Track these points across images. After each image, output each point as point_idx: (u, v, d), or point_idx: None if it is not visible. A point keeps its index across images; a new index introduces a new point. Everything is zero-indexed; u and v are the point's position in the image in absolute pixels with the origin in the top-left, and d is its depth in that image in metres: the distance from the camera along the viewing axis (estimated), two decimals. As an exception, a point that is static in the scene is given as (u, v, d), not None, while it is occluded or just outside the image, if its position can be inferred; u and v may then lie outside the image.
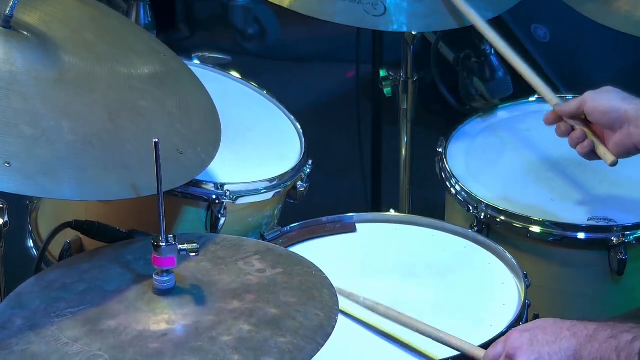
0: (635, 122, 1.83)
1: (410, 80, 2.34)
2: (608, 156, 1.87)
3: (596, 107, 1.86)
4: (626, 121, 1.83)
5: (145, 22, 2.24)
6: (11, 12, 1.67)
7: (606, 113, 1.85)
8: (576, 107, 1.89)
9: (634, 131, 1.83)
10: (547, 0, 2.30)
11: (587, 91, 1.90)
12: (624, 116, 1.84)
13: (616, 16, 2.19)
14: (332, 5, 2.05)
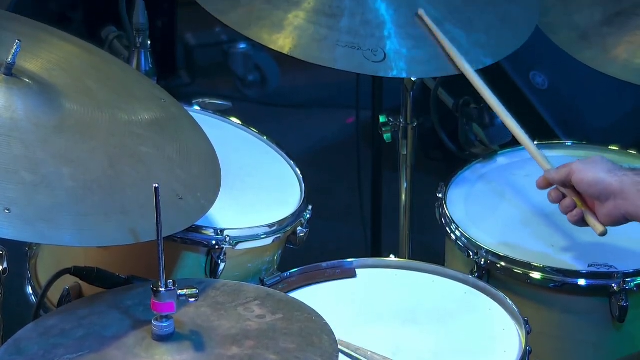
0: (621, 195, 1.85)
1: (410, 126, 2.35)
2: (597, 227, 1.90)
3: (582, 178, 1.88)
4: (612, 194, 1.86)
5: (146, 69, 2.25)
6: (13, 59, 1.68)
7: (592, 185, 1.87)
8: (565, 176, 1.91)
9: (620, 203, 1.85)
10: (546, 48, 2.31)
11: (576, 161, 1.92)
12: (610, 189, 1.86)
13: (614, 64, 2.20)
14: (332, 52, 2.07)
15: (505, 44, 2.22)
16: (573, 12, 2.29)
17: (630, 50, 2.20)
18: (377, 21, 2.12)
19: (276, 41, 2.07)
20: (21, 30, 1.87)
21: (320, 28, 2.08)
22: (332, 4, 2.12)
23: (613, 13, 2.26)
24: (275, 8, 2.09)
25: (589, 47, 2.23)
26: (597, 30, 2.25)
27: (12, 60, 1.68)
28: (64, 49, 1.90)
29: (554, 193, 1.94)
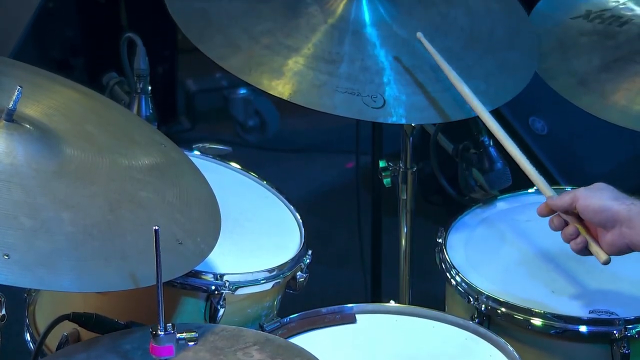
0: (627, 223, 1.82)
1: (410, 171, 2.35)
2: (601, 255, 1.87)
3: (588, 205, 1.85)
4: (618, 221, 1.83)
5: (147, 114, 2.27)
6: (14, 105, 1.69)
7: (598, 212, 1.85)
8: (568, 202, 1.89)
9: (626, 231, 1.82)
10: (545, 93, 2.32)
11: (580, 187, 1.90)
12: (616, 216, 1.83)
13: (613, 110, 2.21)
14: (332, 98, 2.08)
15: (505, 91, 2.22)
16: (571, 59, 2.30)
17: (629, 97, 2.21)
18: (377, 67, 2.14)
19: (276, 87, 2.08)
20: (23, 77, 1.89)
21: (319, 74, 2.10)
22: (331, 50, 2.13)
23: (611, 60, 2.27)
24: (275, 54, 2.11)
25: (588, 93, 2.24)
26: (595, 77, 2.26)
27: (13, 107, 1.69)
28: (65, 95, 1.91)
29: (556, 220, 1.91)
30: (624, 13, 2.35)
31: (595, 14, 2.36)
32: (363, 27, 2.18)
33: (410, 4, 2.26)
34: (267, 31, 2.14)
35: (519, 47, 2.30)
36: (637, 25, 2.31)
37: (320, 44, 2.14)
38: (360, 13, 2.19)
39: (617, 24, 2.32)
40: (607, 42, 2.30)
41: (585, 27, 2.34)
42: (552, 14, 2.39)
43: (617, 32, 2.30)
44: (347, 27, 2.17)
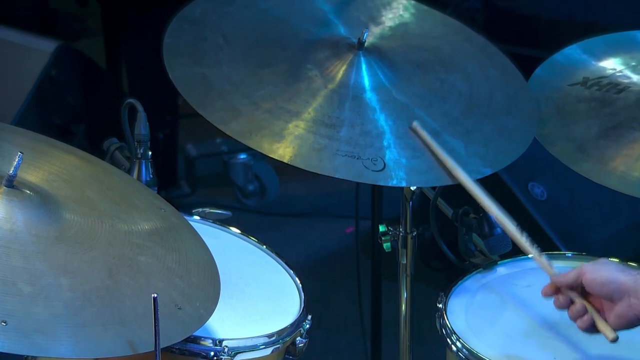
0: (635, 294, 1.82)
1: (410, 236, 2.35)
2: (608, 332, 1.86)
3: (595, 278, 1.86)
4: (626, 292, 1.83)
5: (147, 179, 2.27)
6: (15, 171, 1.69)
7: (605, 284, 1.85)
8: (574, 278, 1.89)
9: (634, 302, 1.82)
10: (544, 159, 2.33)
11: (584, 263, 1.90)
12: (623, 287, 1.83)
13: (612, 176, 2.21)
14: (332, 161, 2.08)
15: (504, 155, 2.23)
16: (570, 125, 2.31)
17: (628, 163, 2.21)
18: (377, 131, 2.15)
19: (276, 150, 2.09)
20: (24, 143, 1.90)
21: (320, 138, 2.11)
22: (331, 114, 2.15)
23: (609, 126, 2.28)
24: (276, 118, 2.12)
25: (586, 159, 2.24)
26: (594, 143, 2.27)
27: (14, 173, 1.69)
28: (65, 161, 1.92)
29: (562, 298, 1.91)
30: (621, 80, 2.36)
31: (593, 81, 2.37)
32: (363, 92, 2.20)
33: (409, 70, 2.28)
34: (268, 96, 2.15)
35: (518, 113, 2.31)
36: (635, 93, 2.32)
37: (320, 108, 2.15)
38: (360, 78, 2.22)
39: (615, 91, 2.33)
40: (605, 109, 2.31)
41: (583, 94, 2.36)
42: (550, 81, 2.41)
43: (614, 100, 2.32)
44: (347, 92, 2.19)
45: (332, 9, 2.37)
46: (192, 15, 2.28)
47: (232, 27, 2.27)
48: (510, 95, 2.33)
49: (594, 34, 2.49)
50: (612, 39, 2.49)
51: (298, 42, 2.26)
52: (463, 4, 4.09)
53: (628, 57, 2.42)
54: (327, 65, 2.22)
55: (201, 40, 2.23)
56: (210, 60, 2.20)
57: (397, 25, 2.40)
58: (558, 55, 2.46)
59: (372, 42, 2.29)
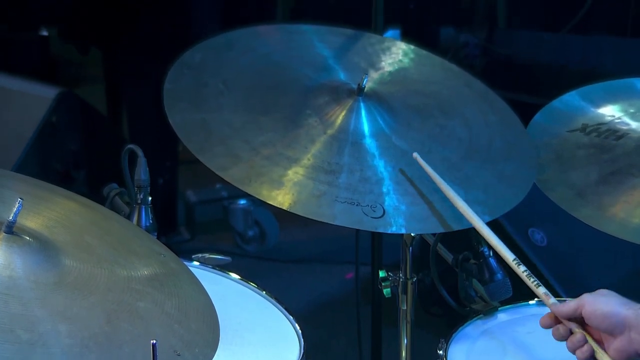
0: (636, 328, 1.79)
1: (410, 281, 2.34)
2: None
3: (595, 310, 1.83)
4: (627, 326, 1.81)
5: (147, 225, 2.27)
6: (14, 218, 1.69)
7: (606, 317, 1.82)
8: (574, 308, 1.87)
9: (635, 337, 1.80)
10: (544, 205, 2.34)
11: (585, 294, 1.88)
12: (625, 321, 1.81)
13: (612, 222, 2.21)
14: (331, 208, 2.08)
15: (504, 201, 2.23)
16: (569, 171, 2.32)
17: (627, 210, 2.21)
18: (376, 178, 2.15)
19: (276, 197, 2.09)
20: (24, 189, 1.90)
21: (319, 184, 2.11)
22: (331, 160, 2.15)
23: (608, 172, 2.28)
24: (275, 164, 2.12)
25: (586, 205, 2.24)
26: (593, 189, 2.27)
27: (13, 219, 1.69)
28: (65, 206, 1.92)
29: (562, 328, 1.88)
30: (619, 127, 2.37)
31: (592, 127, 2.38)
32: (362, 138, 2.21)
33: (408, 116, 2.29)
34: (267, 142, 2.16)
35: (517, 159, 2.31)
36: (634, 140, 2.32)
37: (320, 154, 2.16)
38: (360, 124, 2.22)
39: (614, 138, 2.34)
40: (604, 155, 2.32)
41: (582, 141, 2.36)
42: (549, 127, 2.42)
43: (613, 146, 2.32)
44: (347, 138, 2.20)
45: (331, 54, 2.38)
46: (193, 61, 2.29)
47: (232, 73, 2.28)
48: (510, 141, 2.34)
49: (592, 81, 2.50)
50: (610, 86, 2.50)
51: (298, 87, 2.27)
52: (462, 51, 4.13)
53: (626, 104, 2.43)
54: (326, 110, 2.22)
55: (201, 86, 2.24)
56: (211, 106, 2.21)
57: (397, 70, 2.41)
58: (557, 102, 2.47)
59: (372, 88, 2.31)
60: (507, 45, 4.15)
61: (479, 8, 4.08)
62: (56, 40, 4.33)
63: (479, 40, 4.11)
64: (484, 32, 4.16)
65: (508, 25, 4.13)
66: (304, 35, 2.43)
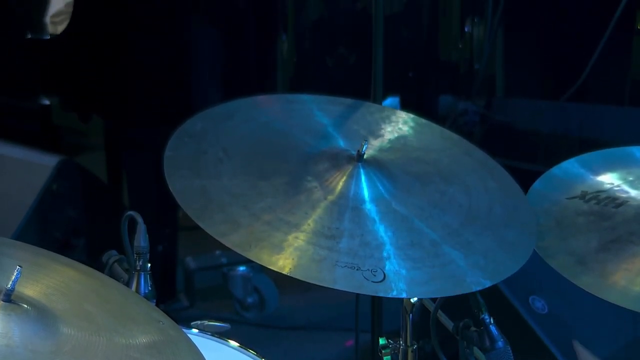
0: None
1: (410, 349, 2.33)
2: None
3: None
4: None
5: (146, 292, 2.26)
6: (13, 286, 1.69)
7: None
8: None
9: None
10: (545, 272, 2.33)
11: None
12: None
13: (613, 290, 2.20)
14: (332, 272, 2.08)
15: (504, 267, 2.23)
16: (569, 238, 2.31)
17: (628, 278, 2.20)
18: (376, 242, 2.15)
19: (276, 262, 2.08)
20: (23, 257, 1.89)
21: (320, 249, 2.11)
22: (331, 225, 2.15)
23: (609, 240, 2.28)
24: (276, 229, 2.12)
25: (587, 272, 2.24)
26: (594, 256, 2.26)
27: (11, 287, 1.69)
28: (64, 274, 1.91)
29: None
30: (619, 195, 2.37)
31: (591, 195, 2.39)
32: (362, 203, 2.21)
33: (408, 182, 2.30)
34: (267, 208, 2.16)
35: (517, 225, 2.31)
36: (633, 207, 2.33)
37: (320, 219, 2.16)
38: (360, 190, 2.23)
39: (613, 205, 2.34)
40: (604, 222, 2.32)
41: (582, 208, 2.36)
42: (548, 194, 2.42)
43: (613, 214, 2.32)
44: (347, 203, 2.20)
45: (331, 122, 2.40)
46: (193, 130, 2.31)
47: (232, 140, 2.29)
48: (510, 207, 2.34)
49: (591, 148, 2.51)
50: (609, 154, 2.51)
51: (298, 154, 2.29)
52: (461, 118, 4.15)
53: (625, 172, 2.44)
54: (326, 177, 2.23)
55: (201, 153, 2.25)
56: (211, 173, 2.21)
57: (397, 138, 2.43)
58: (556, 169, 2.48)
59: (372, 155, 2.32)
60: (506, 113, 4.18)
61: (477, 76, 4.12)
62: (58, 109, 4.36)
63: (478, 108, 4.14)
64: (483, 100, 4.19)
65: (506, 94, 4.17)
66: (303, 105, 2.46)
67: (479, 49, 3.96)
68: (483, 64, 3.97)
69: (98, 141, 4.28)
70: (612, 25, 3.68)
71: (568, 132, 4.05)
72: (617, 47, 3.80)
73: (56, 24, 4.15)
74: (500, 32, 3.92)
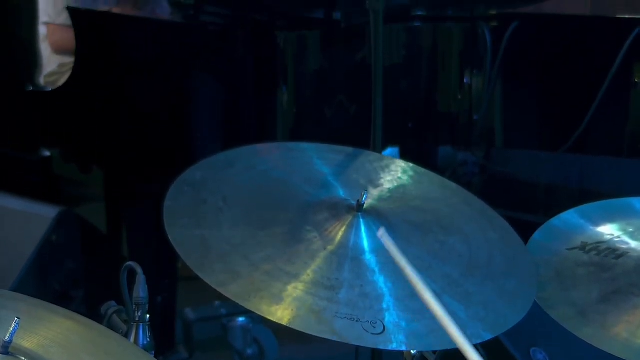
0: None
1: (411, 406, 2.31)
2: None
3: None
4: None
5: (144, 343, 2.25)
6: (11, 337, 1.68)
7: None
8: None
9: None
10: (546, 323, 2.32)
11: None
12: None
13: (615, 342, 2.19)
14: (331, 324, 2.07)
15: (504, 318, 2.22)
16: (570, 289, 2.31)
17: (630, 330, 2.19)
18: (376, 293, 2.14)
19: (275, 313, 2.08)
20: (22, 309, 1.89)
21: (319, 300, 2.10)
22: (331, 276, 2.15)
23: (609, 291, 2.27)
24: (275, 280, 2.12)
25: (588, 324, 2.23)
26: (595, 308, 2.25)
27: (9, 339, 1.68)
28: (62, 326, 1.91)
29: None
30: (619, 246, 2.37)
31: (591, 246, 2.38)
32: (362, 253, 2.21)
33: (408, 231, 2.29)
34: (267, 258, 2.16)
35: (518, 276, 2.31)
36: (633, 259, 2.32)
37: (319, 270, 2.15)
38: (359, 240, 2.23)
39: (613, 257, 2.34)
40: (605, 274, 2.31)
41: (582, 259, 2.36)
42: (548, 245, 2.42)
43: (613, 265, 2.32)
44: (347, 253, 2.20)
45: (331, 171, 2.40)
46: (193, 179, 2.31)
47: (232, 189, 2.30)
48: (510, 258, 2.34)
49: (591, 199, 2.51)
50: (608, 205, 2.51)
51: (297, 203, 2.29)
52: (461, 169, 4.16)
53: (625, 224, 2.44)
54: (326, 226, 2.23)
55: (201, 203, 2.25)
56: (210, 223, 2.21)
57: (396, 188, 2.43)
58: (556, 219, 2.48)
59: (371, 204, 2.31)
60: (505, 163, 4.19)
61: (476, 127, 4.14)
62: (58, 160, 4.37)
63: (477, 159, 4.15)
64: (482, 151, 4.20)
65: (506, 145, 4.18)
66: (303, 153, 2.46)
67: (478, 100, 3.98)
68: (482, 115, 3.99)
69: (98, 192, 4.28)
70: (610, 77, 3.71)
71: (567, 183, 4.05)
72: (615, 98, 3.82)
73: (50, 83, 4.19)
74: (499, 84, 3.94)
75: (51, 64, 4.24)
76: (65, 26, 4.09)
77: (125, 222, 4.19)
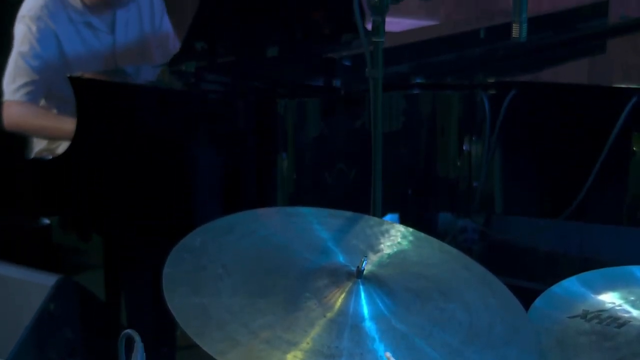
0: None
1: None
2: None
3: None
4: None
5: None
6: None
7: None
8: None
9: None
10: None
11: None
12: None
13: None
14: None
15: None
16: (572, 358, 2.30)
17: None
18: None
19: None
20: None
21: (318, 367, 2.09)
22: (330, 344, 2.13)
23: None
24: (274, 348, 2.10)
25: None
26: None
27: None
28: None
29: None
30: (621, 315, 2.37)
31: (593, 314, 2.37)
32: (362, 321, 2.19)
33: (408, 298, 2.28)
34: (266, 325, 2.14)
35: (519, 344, 2.29)
36: (635, 328, 2.31)
37: (319, 337, 2.14)
38: (359, 307, 2.21)
39: (615, 325, 2.33)
40: (607, 343, 2.30)
41: (584, 327, 2.35)
42: (549, 313, 2.41)
43: (616, 334, 2.31)
44: (346, 321, 2.18)
45: (330, 236, 2.40)
46: (193, 245, 2.31)
47: (231, 256, 2.29)
48: (511, 325, 2.32)
49: (591, 267, 2.51)
50: (609, 273, 2.51)
51: (297, 270, 2.28)
52: (460, 235, 4.16)
53: (626, 292, 2.43)
54: (325, 293, 2.22)
55: (201, 269, 2.25)
56: (210, 290, 2.21)
57: (396, 253, 2.42)
58: (556, 287, 2.47)
59: (371, 270, 2.31)
60: (505, 230, 4.19)
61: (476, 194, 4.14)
62: (57, 229, 4.36)
63: (477, 226, 4.15)
64: (482, 218, 4.20)
65: (505, 211, 4.18)
66: (303, 218, 2.46)
67: (477, 167, 3.98)
68: (481, 181, 3.99)
69: (97, 259, 4.27)
70: (609, 146, 3.72)
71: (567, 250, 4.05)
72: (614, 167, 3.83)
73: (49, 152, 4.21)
74: (498, 151, 3.95)
75: (40, 143, 4.27)
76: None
77: (124, 290, 4.18)
